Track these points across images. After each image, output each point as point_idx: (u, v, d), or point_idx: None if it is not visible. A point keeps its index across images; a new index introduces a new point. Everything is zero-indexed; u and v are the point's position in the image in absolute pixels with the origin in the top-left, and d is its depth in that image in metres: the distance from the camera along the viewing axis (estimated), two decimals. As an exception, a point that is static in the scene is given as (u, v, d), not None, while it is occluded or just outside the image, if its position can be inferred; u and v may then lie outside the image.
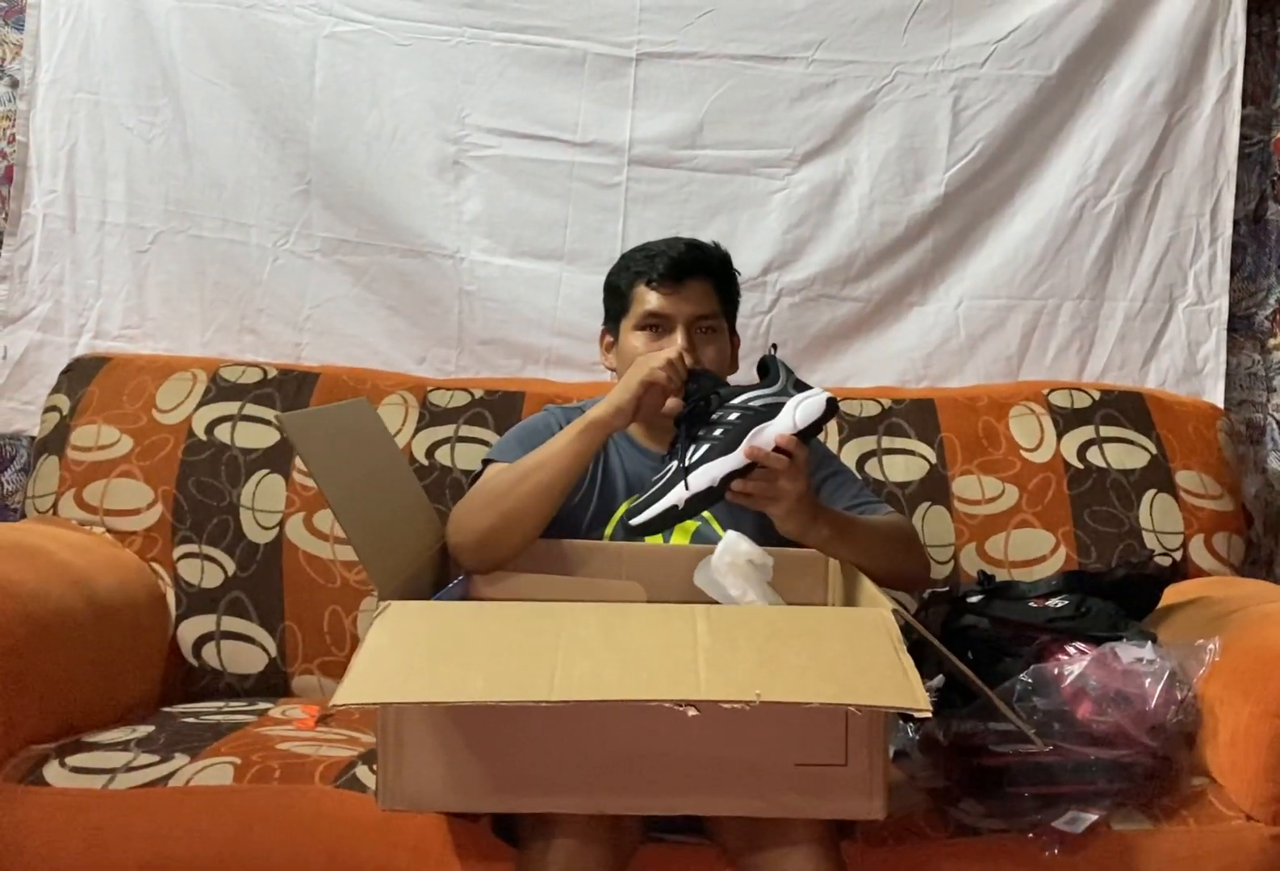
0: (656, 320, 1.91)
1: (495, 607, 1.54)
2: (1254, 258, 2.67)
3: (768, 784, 1.41)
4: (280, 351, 2.53)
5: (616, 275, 2.01)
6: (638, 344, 1.91)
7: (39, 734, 1.72)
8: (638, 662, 1.34)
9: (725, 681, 1.29)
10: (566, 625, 1.42)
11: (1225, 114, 2.58)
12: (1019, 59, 2.55)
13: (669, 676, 1.30)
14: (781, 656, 1.37)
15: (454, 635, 1.43)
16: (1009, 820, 1.61)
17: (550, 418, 1.99)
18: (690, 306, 1.91)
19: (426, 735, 1.40)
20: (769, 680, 1.29)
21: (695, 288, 1.92)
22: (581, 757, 1.40)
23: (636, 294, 1.94)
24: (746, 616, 1.51)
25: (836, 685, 1.31)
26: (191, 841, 1.58)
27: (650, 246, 1.99)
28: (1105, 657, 1.69)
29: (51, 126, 2.52)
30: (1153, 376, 2.61)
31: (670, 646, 1.37)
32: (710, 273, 1.95)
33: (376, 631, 1.40)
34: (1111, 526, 2.30)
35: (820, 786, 1.41)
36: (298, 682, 2.18)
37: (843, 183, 2.58)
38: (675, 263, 1.92)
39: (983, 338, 2.61)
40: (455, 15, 2.53)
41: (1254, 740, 1.63)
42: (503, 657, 1.36)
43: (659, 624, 1.46)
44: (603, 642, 1.39)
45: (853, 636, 1.43)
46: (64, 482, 2.24)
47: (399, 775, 1.40)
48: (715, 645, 1.37)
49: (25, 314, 2.52)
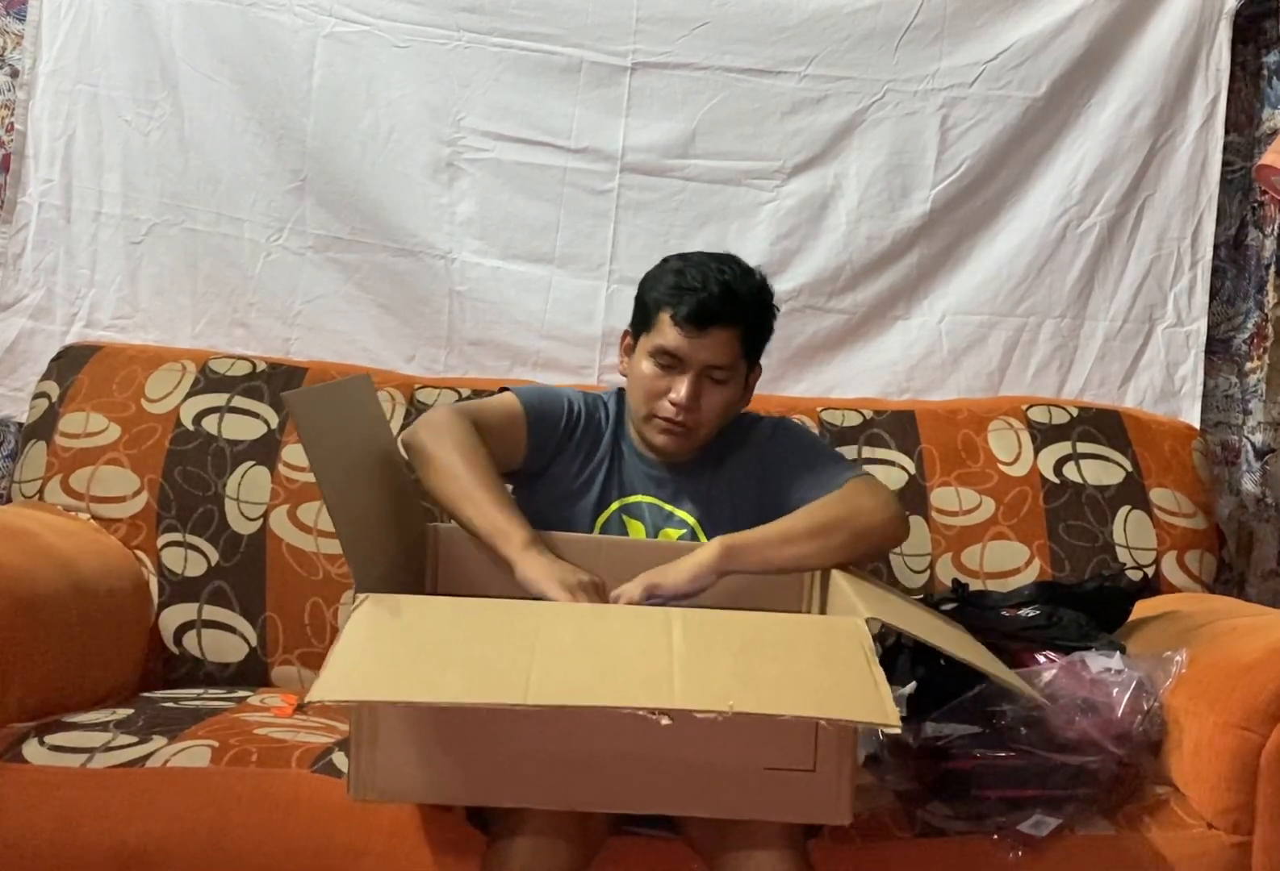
0: (670, 360, 1.83)
1: (472, 605, 1.54)
2: (1233, 282, 2.71)
3: (737, 786, 1.42)
4: (270, 345, 2.55)
5: (650, 287, 1.89)
6: (647, 372, 1.85)
7: (18, 713, 1.73)
8: (613, 668, 1.35)
9: (699, 691, 1.30)
10: (544, 627, 1.43)
11: (1208, 140, 2.62)
12: (1007, 80, 2.59)
13: (643, 684, 1.31)
14: (755, 666, 1.38)
15: (431, 632, 1.44)
16: (975, 822, 1.63)
17: (572, 401, 1.95)
18: (707, 354, 1.82)
19: (400, 728, 1.40)
20: (742, 690, 1.30)
21: (718, 336, 1.82)
22: (554, 756, 1.40)
23: (660, 321, 1.84)
24: (721, 623, 1.51)
25: (808, 697, 1.32)
26: (168, 821, 1.59)
27: (688, 273, 1.84)
28: (1074, 666, 1.71)
29: (50, 117, 2.53)
30: (1131, 395, 2.64)
31: (645, 652, 1.38)
32: (739, 321, 1.84)
33: (353, 626, 1.41)
34: (1085, 541, 2.33)
35: (788, 790, 1.42)
36: (277, 673, 2.19)
37: (831, 196, 2.61)
38: (703, 309, 1.80)
39: (965, 353, 2.64)
40: (454, 19, 2.55)
41: (1217, 750, 1.66)
42: (479, 658, 1.36)
43: (634, 628, 1.47)
44: (579, 646, 1.40)
45: (826, 647, 1.45)
46: (51, 468, 2.25)
47: (372, 766, 1.41)
48: (690, 653, 1.38)
49: (17, 301, 2.53)
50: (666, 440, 1.87)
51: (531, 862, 1.47)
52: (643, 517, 1.92)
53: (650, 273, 1.93)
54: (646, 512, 1.92)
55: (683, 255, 1.92)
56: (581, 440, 1.93)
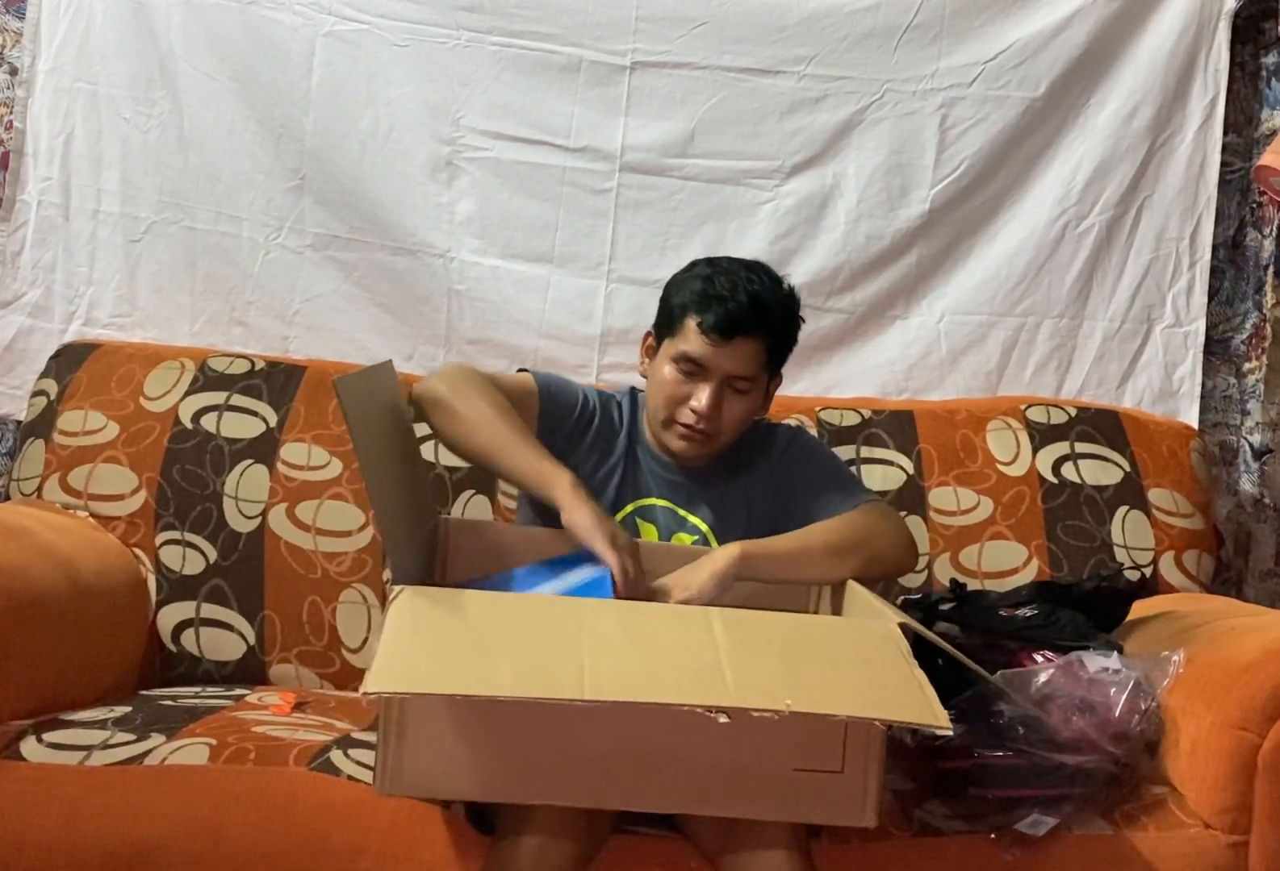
0: (693, 367, 1.81)
1: (510, 598, 1.54)
2: (1232, 282, 2.71)
3: (764, 787, 1.42)
4: (268, 344, 2.55)
5: (676, 291, 1.87)
6: (668, 377, 1.83)
7: (16, 710, 1.72)
8: (663, 665, 1.35)
9: (754, 689, 1.30)
10: (586, 621, 1.42)
11: (1207, 140, 2.62)
12: (1006, 80, 2.59)
13: (697, 680, 1.31)
14: (802, 666, 1.38)
15: (474, 624, 1.43)
16: (972, 822, 1.63)
17: (587, 396, 1.94)
18: (731, 364, 1.80)
19: (429, 723, 1.39)
20: (794, 690, 1.30)
21: (743, 347, 1.80)
22: (585, 753, 1.40)
23: (685, 327, 1.82)
24: (759, 622, 1.51)
25: (859, 698, 1.33)
26: (165, 819, 1.59)
27: (718, 281, 1.82)
28: (1072, 666, 1.71)
29: (49, 114, 2.53)
30: (1129, 396, 2.65)
31: (692, 647, 1.38)
32: (765, 331, 1.82)
33: (396, 618, 1.40)
34: (1083, 541, 2.33)
35: (815, 791, 1.42)
36: (275, 671, 2.19)
37: (830, 196, 2.62)
38: (730, 318, 1.78)
39: (963, 352, 2.64)
40: (453, 18, 2.55)
41: (1214, 750, 1.66)
42: (528, 650, 1.36)
43: (675, 624, 1.47)
44: (625, 640, 1.40)
45: (865, 649, 1.45)
46: (49, 466, 2.25)
47: (399, 761, 1.39)
48: (735, 651, 1.38)
49: (16, 299, 2.53)
50: (685, 446, 1.86)
51: (537, 860, 1.47)
52: (656, 521, 1.92)
53: (677, 276, 1.91)
54: (660, 516, 1.92)
55: (711, 260, 1.90)
56: (596, 439, 1.93)
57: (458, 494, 2.29)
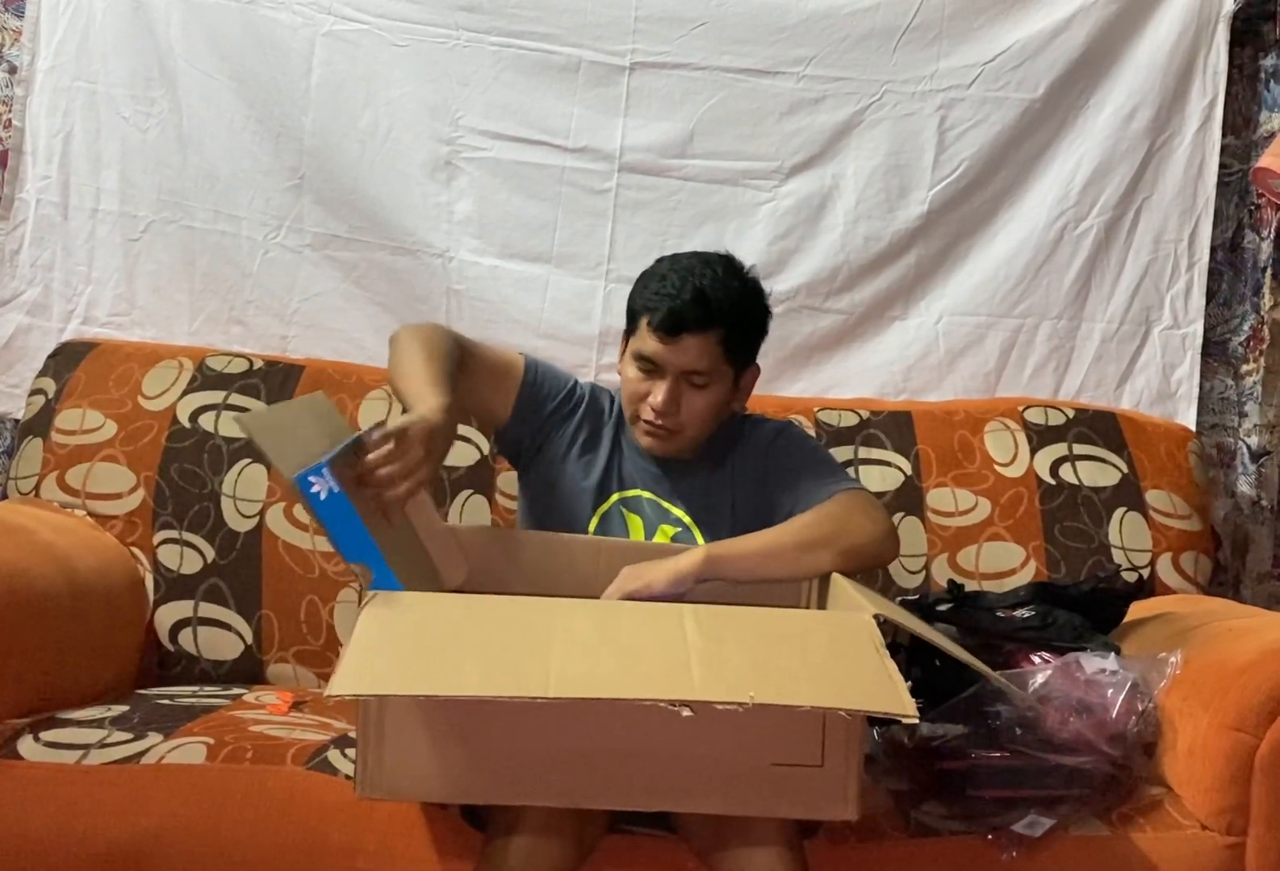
0: (649, 365, 1.86)
1: (483, 601, 1.54)
2: (1230, 284, 2.71)
3: (744, 782, 1.42)
4: (267, 343, 2.55)
5: (637, 291, 1.91)
6: (631, 375, 1.89)
7: (13, 709, 1.72)
8: (632, 661, 1.35)
9: (718, 682, 1.30)
10: (558, 620, 1.43)
11: (1206, 142, 2.62)
12: (1005, 81, 2.59)
13: (664, 675, 1.31)
14: (771, 659, 1.38)
15: (445, 626, 1.43)
16: (969, 822, 1.63)
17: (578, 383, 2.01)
18: (683, 359, 1.84)
19: (408, 725, 1.39)
20: (760, 682, 1.30)
21: (691, 342, 1.83)
22: (562, 752, 1.40)
23: (640, 327, 1.87)
24: (732, 617, 1.52)
25: (826, 689, 1.32)
26: (163, 818, 1.59)
27: (669, 279, 1.86)
28: (1069, 667, 1.71)
29: (48, 113, 2.53)
30: (1127, 397, 2.65)
31: (662, 646, 1.39)
32: (712, 326, 1.83)
33: (366, 621, 1.40)
34: (1081, 542, 2.33)
35: (796, 786, 1.41)
36: (273, 670, 2.19)
37: (829, 197, 2.62)
38: (674, 316, 1.82)
39: (962, 353, 2.64)
40: (452, 18, 2.55)
41: (1211, 751, 1.66)
42: (496, 650, 1.36)
43: (648, 623, 1.47)
44: (596, 639, 1.40)
45: (838, 640, 1.45)
46: (47, 465, 2.25)
47: (379, 764, 1.39)
48: (705, 646, 1.38)
49: (14, 298, 2.53)
50: (650, 442, 1.90)
51: (529, 860, 1.47)
52: (642, 512, 1.94)
53: (642, 273, 1.94)
54: (645, 507, 1.94)
55: (674, 257, 1.93)
56: (583, 421, 1.97)
57: (455, 494, 2.29)
